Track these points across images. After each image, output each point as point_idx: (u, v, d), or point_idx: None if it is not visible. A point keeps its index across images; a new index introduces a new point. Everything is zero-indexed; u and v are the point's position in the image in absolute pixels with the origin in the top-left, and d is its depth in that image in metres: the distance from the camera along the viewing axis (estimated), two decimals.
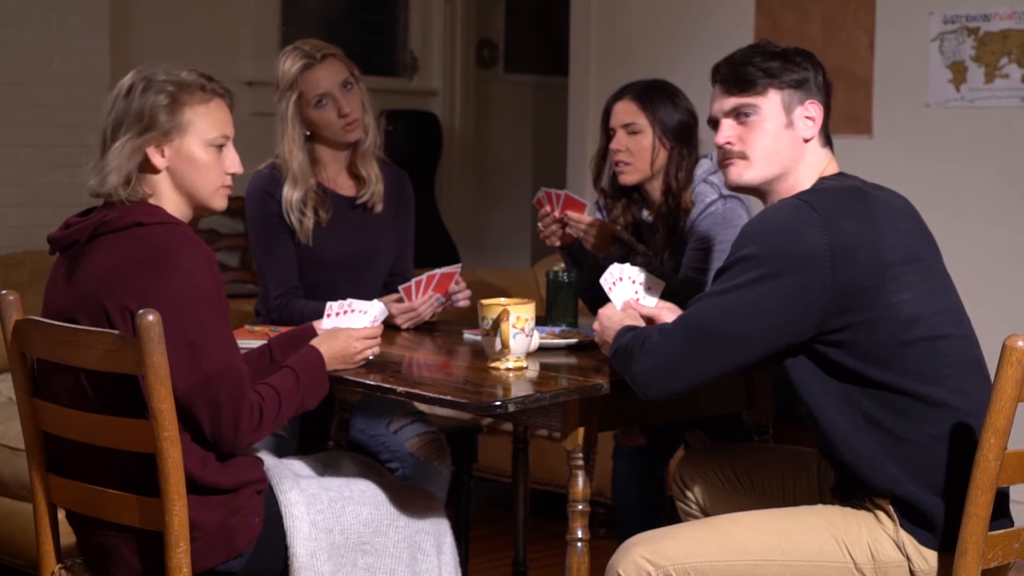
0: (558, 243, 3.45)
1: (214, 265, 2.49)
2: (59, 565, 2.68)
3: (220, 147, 2.59)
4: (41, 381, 2.60)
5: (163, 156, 2.55)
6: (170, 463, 2.38)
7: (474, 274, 5.31)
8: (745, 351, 2.46)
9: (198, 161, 2.57)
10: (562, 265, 3.38)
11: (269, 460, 2.72)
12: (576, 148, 5.94)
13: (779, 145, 2.58)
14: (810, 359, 2.47)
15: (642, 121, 3.37)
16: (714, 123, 2.66)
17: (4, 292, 2.60)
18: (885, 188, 2.60)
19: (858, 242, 2.42)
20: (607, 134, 3.43)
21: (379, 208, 3.53)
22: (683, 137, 3.39)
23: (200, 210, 2.63)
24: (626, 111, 3.39)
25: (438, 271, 3.32)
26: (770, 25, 5.21)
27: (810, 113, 2.59)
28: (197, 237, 2.51)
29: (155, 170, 2.55)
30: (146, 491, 2.44)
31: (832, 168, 2.62)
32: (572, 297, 3.30)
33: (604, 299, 2.84)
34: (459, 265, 3.40)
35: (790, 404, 3.32)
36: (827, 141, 2.64)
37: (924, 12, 4.81)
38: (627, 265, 2.81)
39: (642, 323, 2.70)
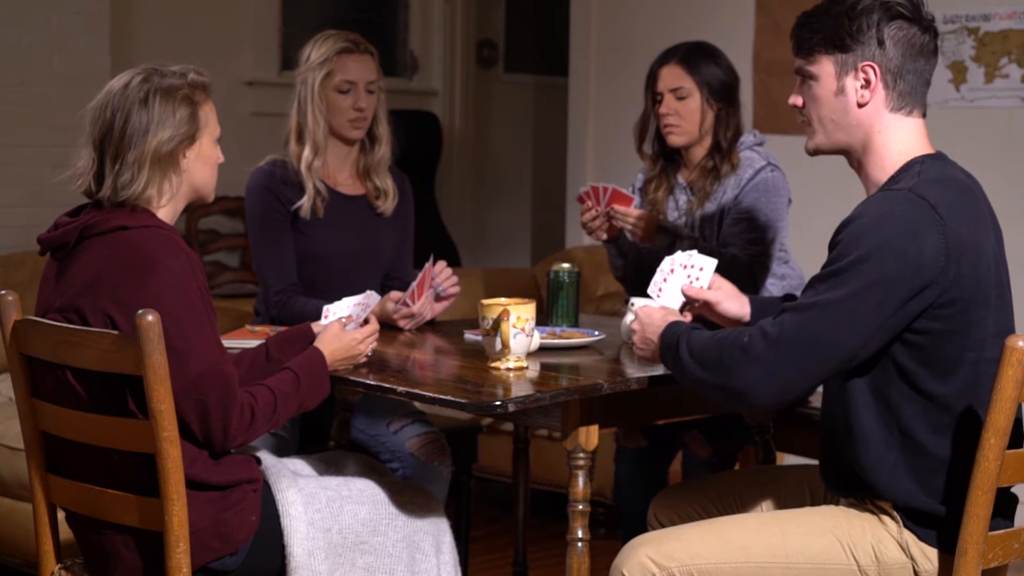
0: (604, 236, 3.49)
1: (198, 270, 2.50)
2: (59, 565, 2.68)
3: (217, 141, 2.65)
4: (34, 378, 2.60)
5: (186, 157, 2.58)
6: (170, 463, 2.38)
7: (474, 274, 5.31)
8: (859, 356, 2.37)
9: (211, 158, 2.62)
10: (563, 265, 3.37)
11: (269, 459, 2.72)
12: (576, 148, 5.93)
13: (834, 114, 2.46)
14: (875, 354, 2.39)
15: (689, 84, 3.46)
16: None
17: (3, 292, 2.60)
18: (969, 174, 2.48)
19: (967, 249, 2.34)
20: (653, 99, 3.50)
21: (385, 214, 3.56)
22: (728, 97, 3.49)
23: (196, 204, 2.65)
24: (672, 75, 3.47)
25: (419, 274, 3.30)
26: (770, 25, 5.20)
27: (862, 78, 2.44)
28: (181, 241, 2.52)
29: (179, 172, 2.58)
30: (145, 491, 2.44)
31: (922, 143, 2.47)
32: (572, 297, 3.30)
33: (647, 286, 2.83)
34: (431, 261, 3.35)
35: (791, 404, 3.33)
36: (913, 110, 2.47)
37: None
38: (677, 254, 2.80)
39: (681, 317, 2.64)
